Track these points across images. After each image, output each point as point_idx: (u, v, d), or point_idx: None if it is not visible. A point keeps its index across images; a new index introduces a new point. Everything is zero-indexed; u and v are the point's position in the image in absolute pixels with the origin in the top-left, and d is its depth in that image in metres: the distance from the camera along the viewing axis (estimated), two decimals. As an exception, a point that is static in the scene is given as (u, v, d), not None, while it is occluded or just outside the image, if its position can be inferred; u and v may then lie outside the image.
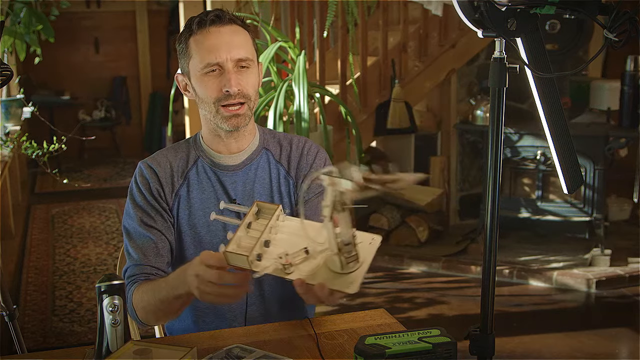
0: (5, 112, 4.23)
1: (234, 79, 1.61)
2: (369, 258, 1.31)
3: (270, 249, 1.34)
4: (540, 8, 1.17)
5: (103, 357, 1.28)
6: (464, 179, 4.93)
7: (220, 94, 1.62)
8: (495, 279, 1.27)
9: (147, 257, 1.62)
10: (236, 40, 1.63)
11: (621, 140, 4.14)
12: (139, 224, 1.65)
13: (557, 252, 4.31)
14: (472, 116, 4.50)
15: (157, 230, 1.65)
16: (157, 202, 1.67)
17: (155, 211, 1.67)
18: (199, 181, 1.71)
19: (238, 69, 1.63)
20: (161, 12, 7.61)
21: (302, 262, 1.32)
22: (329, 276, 1.29)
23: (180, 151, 1.74)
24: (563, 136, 1.30)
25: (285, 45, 3.69)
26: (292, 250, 1.32)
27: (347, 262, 1.28)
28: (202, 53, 1.62)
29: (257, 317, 1.70)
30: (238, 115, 1.63)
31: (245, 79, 1.63)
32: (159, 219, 1.66)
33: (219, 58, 1.61)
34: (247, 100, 1.64)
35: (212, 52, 1.61)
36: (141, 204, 1.67)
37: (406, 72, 4.52)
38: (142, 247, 1.63)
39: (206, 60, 1.62)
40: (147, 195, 1.67)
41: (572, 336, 3.41)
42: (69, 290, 3.96)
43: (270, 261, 1.31)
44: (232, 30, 1.64)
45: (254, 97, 1.67)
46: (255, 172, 1.72)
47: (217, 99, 1.63)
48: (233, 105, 1.63)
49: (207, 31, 1.62)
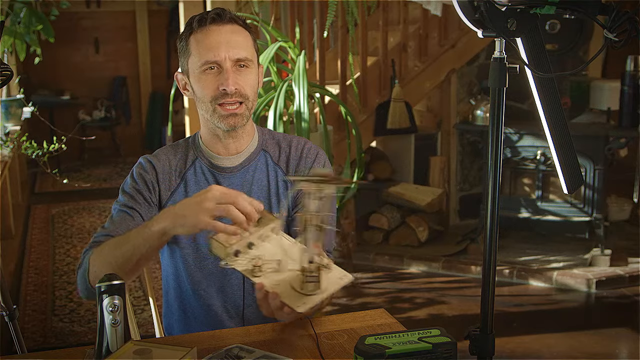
0: (5, 112, 4.23)
1: (231, 77, 1.60)
2: (332, 290, 1.37)
3: (252, 251, 1.41)
4: (540, 8, 1.17)
5: (103, 357, 1.28)
6: (464, 179, 4.93)
7: (217, 92, 1.62)
8: (495, 279, 1.27)
9: (119, 229, 1.60)
10: (236, 39, 1.63)
11: (621, 140, 4.14)
12: (122, 207, 1.64)
13: (557, 252, 4.31)
14: (472, 116, 4.50)
15: (138, 212, 1.64)
16: (148, 192, 1.67)
17: (143, 199, 1.66)
18: (197, 182, 1.70)
19: (237, 69, 1.62)
20: (161, 12, 7.61)
21: (271, 271, 1.39)
22: (287, 291, 1.35)
23: (179, 151, 1.74)
24: (563, 136, 1.29)
25: (285, 45, 3.69)
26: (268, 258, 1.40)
27: (305, 282, 1.34)
28: (201, 51, 1.62)
29: (254, 320, 1.70)
30: (235, 114, 1.63)
31: (244, 78, 1.63)
32: (144, 205, 1.65)
33: (217, 56, 1.61)
34: (244, 100, 1.64)
35: (211, 50, 1.61)
36: (128, 190, 1.67)
37: (406, 72, 4.52)
38: (118, 222, 1.62)
39: (205, 58, 1.61)
40: (139, 184, 1.67)
41: (572, 336, 3.41)
42: (69, 290, 3.96)
43: (245, 260, 1.38)
44: (232, 29, 1.64)
45: (252, 97, 1.66)
46: (253, 174, 1.72)
47: (214, 97, 1.62)
48: (230, 104, 1.62)
49: (207, 29, 1.62)
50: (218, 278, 1.69)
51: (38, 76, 7.03)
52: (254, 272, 1.37)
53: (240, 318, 1.71)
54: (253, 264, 1.37)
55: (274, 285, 1.35)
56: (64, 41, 6.95)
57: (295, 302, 1.33)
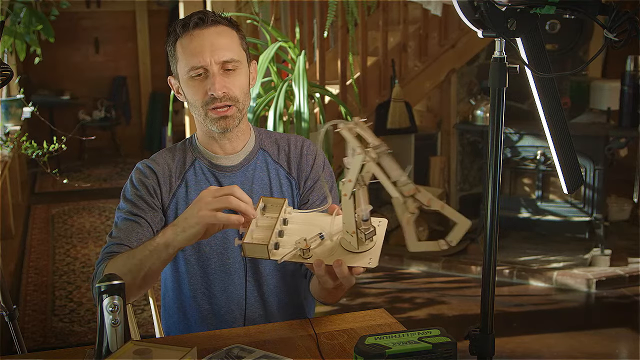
0: (5, 112, 4.23)
1: (218, 82, 1.59)
2: (381, 238, 1.36)
3: (285, 238, 1.38)
4: (540, 8, 1.17)
5: (103, 357, 1.28)
6: (464, 179, 4.93)
7: (207, 97, 1.61)
8: (495, 279, 1.27)
9: (129, 238, 1.59)
10: (220, 42, 1.61)
11: (621, 140, 4.13)
12: (126, 214, 1.64)
13: (557, 252, 4.31)
14: (472, 116, 4.50)
15: (144, 219, 1.63)
16: (150, 197, 1.66)
17: (146, 205, 1.65)
18: (197, 182, 1.70)
19: (223, 72, 1.61)
20: (161, 12, 7.61)
21: (318, 246, 1.36)
22: (346, 256, 1.33)
23: (176, 153, 1.73)
24: (563, 136, 1.29)
25: (285, 45, 3.68)
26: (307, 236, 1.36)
27: (365, 239, 1.32)
28: (187, 57, 1.61)
29: (257, 319, 1.70)
30: (226, 117, 1.62)
31: (232, 81, 1.62)
32: (148, 211, 1.65)
33: (202, 62, 1.59)
34: (234, 103, 1.63)
35: (196, 55, 1.60)
36: (131, 198, 1.66)
37: (406, 72, 4.52)
38: (126, 230, 1.61)
39: (191, 64, 1.61)
40: (140, 190, 1.66)
41: (572, 336, 3.41)
42: (69, 290, 3.96)
43: (288, 248, 1.35)
44: (216, 31, 1.62)
45: (243, 98, 1.65)
46: (253, 172, 1.72)
47: (204, 102, 1.62)
48: (220, 107, 1.62)
49: (190, 34, 1.61)
50: (222, 278, 1.69)
51: (38, 76, 7.03)
52: (304, 255, 1.34)
53: (242, 317, 1.71)
54: (299, 247, 1.34)
55: (330, 258, 1.33)
56: (64, 41, 6.95)
57: (363, 261, 1.32)
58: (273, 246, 1.35)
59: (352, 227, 1.31)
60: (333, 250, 1.35)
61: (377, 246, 1.35)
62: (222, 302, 1.70)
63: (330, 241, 1.36)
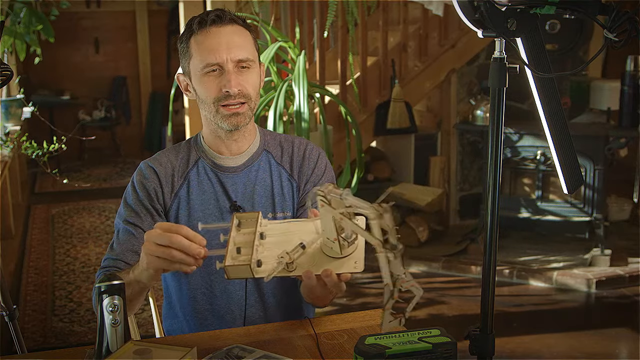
0: (5, 112, 4.23)
1: (234, 79, 1.60)
2: (362, 239, 1.33)
3: (265, 253, 1.34)
4: (540, 8, 1.17)
5: (103, 357, 1.28)
6: (464, 179, 4.93)
7: (220, 94, 1.62)
8: (495, 279, 1.27)
9: (124, 253, 1.61)
10: (237, 40, 1.63)
11: (621, 140, 4.14)
12: (124, 222, 1.64)
13: (557, 252, 4.31)
14: (472, 116, 4.50)
15: (141, 229, 1.63)
16: (150, 201, 1.66)
17: (146, 210, 1.65)
18: (200, 182, 1.70)
19: (238, 70, 1.62)
20: (161, 12, 7.61)
21: (300, 256, 1.32)
22: (331, 263, 1.31)
23: (181, 152, 1.74)
24: (563, 136, 1.29)
25: (285, 45, 3.68)
26: (288, 248, 1.32)
27: (348, 245, 1.30)
28: (202, 53, 1.62)
29: (257, 320, 1.70)
30: (238, 114, 1.63)
31: (246, 79, 1.63)
32: (147, 218, 1.65)
33: (219, 58, 1.60)
34: (247, 100, 1.64)
35: (212, 52, 1.61)
36: (131, 203, 1.66)
37: (406, 72, 4.52)
38: (123, 243, 1.62)
39: (206, 61, 1.61)
40: (140, 194, 1.66)
41: (572, 336, 3.41)
42: (69, 290, 3.96)
43: (272, 264, 1.31)
44: (232, 30, 1.63)
45: (255, 97, 1.66)
46: (256, 173, 1.72)
47: (216, 99, 1.62)
48: (233, 104, 1.62)
49: (207, 31, 1.62)
50: (222, 279, 1.68)
51: (38, 76, 7.02)
52: (288, 269, 1.30)
53: (242, 318, 1.71)
54: (283, 262, 1.30)
55: (316, 267, 1.30)
56: (64, 41, 6.95)
57: (349, 267, 1.30)
58: (255, 264, 1.31)
59: (333, 234, 1.29)
60: (315, 257, 1.33)
61: (360, 248, 1.32)
62: (222, 302, 1.70)
63: (310, 250, 1.34)
